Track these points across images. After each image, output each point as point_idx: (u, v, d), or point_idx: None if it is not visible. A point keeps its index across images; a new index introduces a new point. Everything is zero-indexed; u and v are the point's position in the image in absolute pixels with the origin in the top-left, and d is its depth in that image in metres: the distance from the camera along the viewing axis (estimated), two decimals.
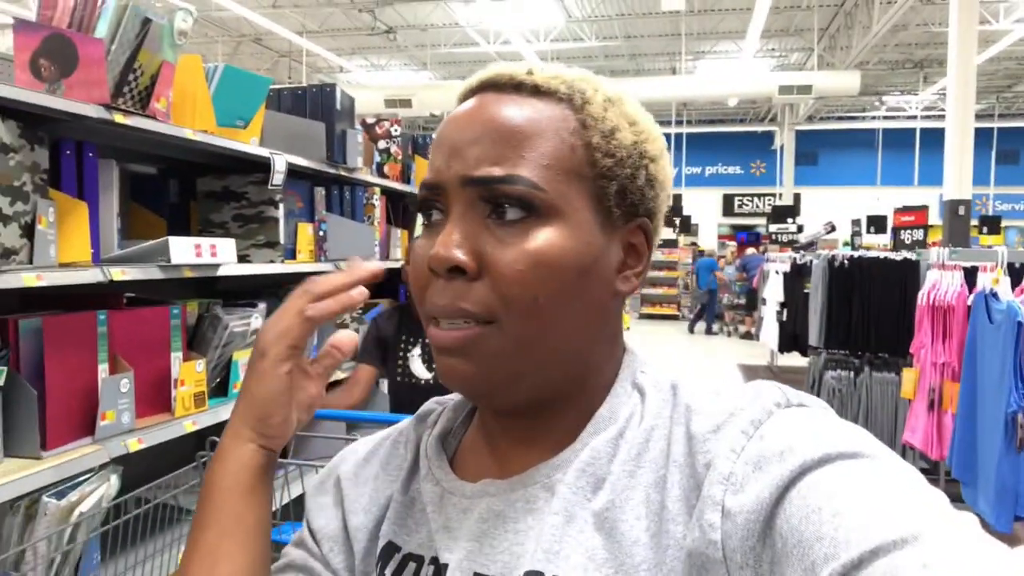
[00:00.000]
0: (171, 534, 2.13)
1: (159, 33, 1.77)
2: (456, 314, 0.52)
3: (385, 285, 3.68)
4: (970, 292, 2.77)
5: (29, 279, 1.55)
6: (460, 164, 0.53)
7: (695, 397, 0.54)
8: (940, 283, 2.96)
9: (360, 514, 0.65)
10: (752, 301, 11.42)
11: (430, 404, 0.70)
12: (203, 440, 2.77)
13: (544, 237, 0.52)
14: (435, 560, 0.57)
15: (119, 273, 1.75)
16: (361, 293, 0.62)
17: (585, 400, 0.58)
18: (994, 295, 2.45)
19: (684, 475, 0.50)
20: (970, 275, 2.86)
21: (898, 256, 4.18)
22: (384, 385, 3.52)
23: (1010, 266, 2.80)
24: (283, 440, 0.62)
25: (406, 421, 0.70)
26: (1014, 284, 2.57)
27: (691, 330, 14.49)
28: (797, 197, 17.05)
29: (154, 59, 1.79)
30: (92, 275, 1.71)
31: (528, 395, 0.55)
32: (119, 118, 1.72)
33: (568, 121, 0.54)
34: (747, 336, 12.80)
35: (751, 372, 9.23)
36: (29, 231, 1.59)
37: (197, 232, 2.47)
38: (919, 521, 0.39)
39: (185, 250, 1.95)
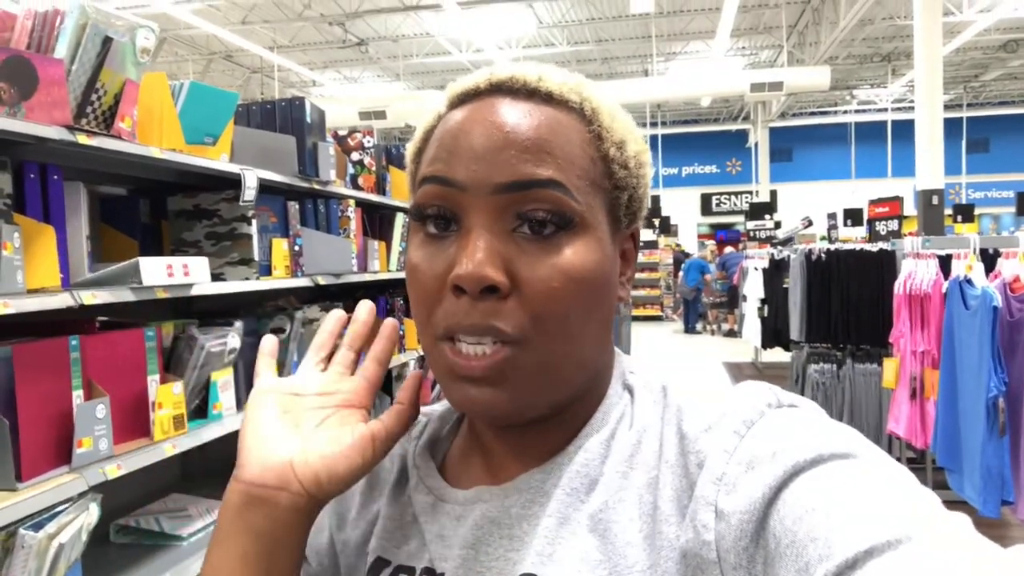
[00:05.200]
0: (157, 560, 2.10)
1: (121, 52, 1.74)
2: (486, 332, 0.50)
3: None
4: (945, 280, 2.79)
5: None
6: (487, 169, 0.50)
7: (686, 397, 0.54)
8: (916, 272, 2.99)
9: (348, 528, 0.63)
10: (733, 299, 11.48)
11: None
12: (185, 464, 2.75)
13: (575, 252, 0.51)
14: (428, 571, 0.56)
15: (90, 297, 1.72)
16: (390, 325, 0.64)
17: (583, 405, 0.57)
18: (968, 281, 2.47)
19: (676, 475, 0.50)
20: (945, 263, 2.88)
21: (874, 247, 4.22)
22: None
23: (983, 252, 2.82)
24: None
25: None
26: (988, 270, 2.59)
27: (691, 330, 14.51)
28: (773, 194, 17.19)
29: (117, 78, 1.77)
30: (62, 300, 1.68)
31: (547, 411, 0.54)
32: (83, 139, 1.69)
33: (583, 132, 0.53)
34: (731, 334, 12.87)
35: (736, 369, 9.27)
36: None
37: (170, 252, 2.43)
38: (913, 522, 0.39)
39: (157, 271, 1.92)
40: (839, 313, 4.32)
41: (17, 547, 1.54)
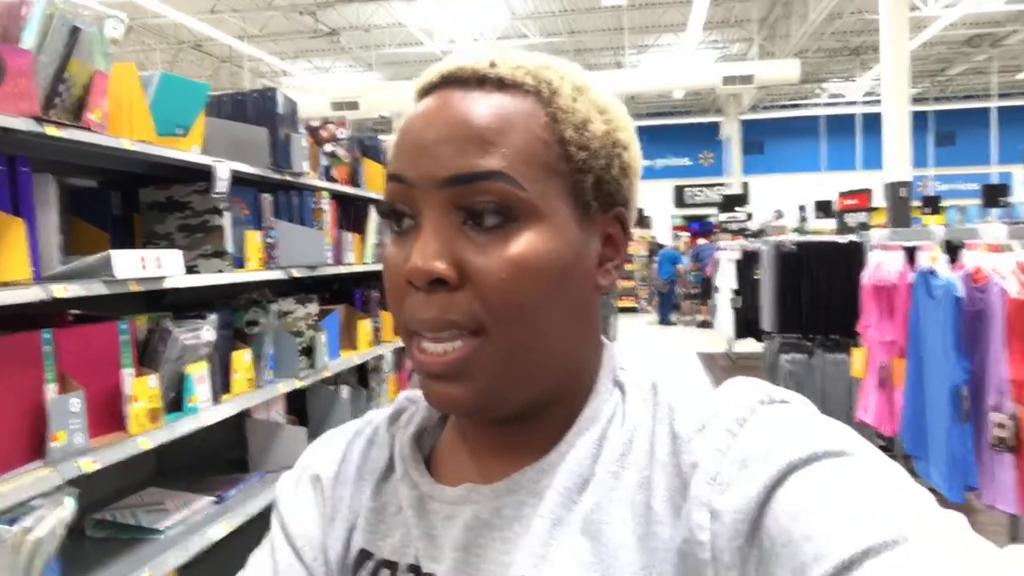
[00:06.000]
0: (135, 554, 2.09)
1: (89, 42, 1.72)
2: (443, 326, 0.50)
3: (339, 292, 3.65)
4: (911, 271, 2.85)
5: None
6: (432, 165, 0.50)
7: (677, 396, 0.54)
8: (882, 263, 3.05)
9: (339, 521, 0.61)
10: (707, 290, 11.58)
11: (403, 401, 0.67)
12: (160, 457, 2.73)
13: (526, 241, 0.49)
14: (413, 568, 0.56)
15: (61, 290, 1.70)
16: None
17: (570, 400, 0.56)
18: (933, 272, 2.52)
19: (669, 475, 0.49)
20: (911, 255, 2.94)
21: (844, 239, 4.30)
22: (344, 391, 3.49)
23: (948, 244, 2.89)
24: None
25: (379, 416, 0.67)
26: (952, 262, 2.65)
27: (666, 321, 14.61)
28: (746, 186, 17.38)
29: (85, 69, 1.74)
30: (33, 293, 1.66)
31: (521, 405, 0.53)
32: (51, 130, 1.66)
33: (538, 115, 0.51)
34: (704, 325, 12.98)
35: (709, 360, 9.36)
36: None
37: (142, 245, 2.41)
38: (909, 521, 0.39)
39: (129, 264, 1.90)
40: (809, 304, 4.39)
41: None
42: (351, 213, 3.60)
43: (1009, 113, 19.68)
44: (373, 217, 3.65)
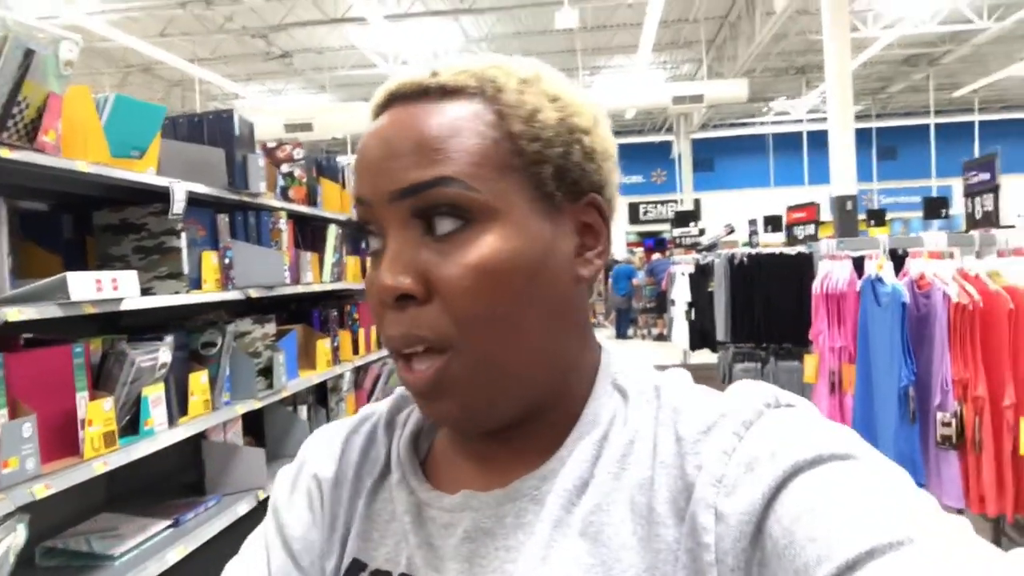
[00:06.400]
0: None
1: (43, 64, 1.71)
2: (411, 342, 0.49)
3: (297, 311, 3.63)
4: (859, 279, 2.96)
5: None
6: (383, 181, 0.50)
7: (682, 398, 0.53)
8: (832, 272, 3.16)
9: (339, 526, 0.60)
10: (662, 304, 11.73)
11: (400, 399, 0.65)
12: (112, 482, 2.67)
13: (487, 244, 0.49)
14: None
15: (15, 313, 1.67)
16: None
17: (566, 403, 0.55)
18: (880, 280, 2.62)
19: (672, 477, 0.49)
20: (858, 264, 3.05)
21: (793, 251, 4.42)
22: (302, 411, 3.47)
23: (893, 252, 3.01)
24: None
25: (376, 413, 0.65)
26: (897, 269, 2.75)
27: (623, 335, 14.72)
28: (697, 202, 17.72)
29: (39, 91, 1.73)
30: None
31: (514, 412, 0.52)
32: (5, 152, 1.65)
33: (484, 115, 0.51)
34: (660, 338, 13.13)
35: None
36: None
37: (96, 267, 2.38)
38: (913, 524, 0.39)
39: (85, 285, 1.88)
40: (761, 314, 4.50)
41: None
42: (308, 233, 3.59)
43: (947, 129, 20.42)
44: (331, 236, 3.65)
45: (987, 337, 2.30)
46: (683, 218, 14.21)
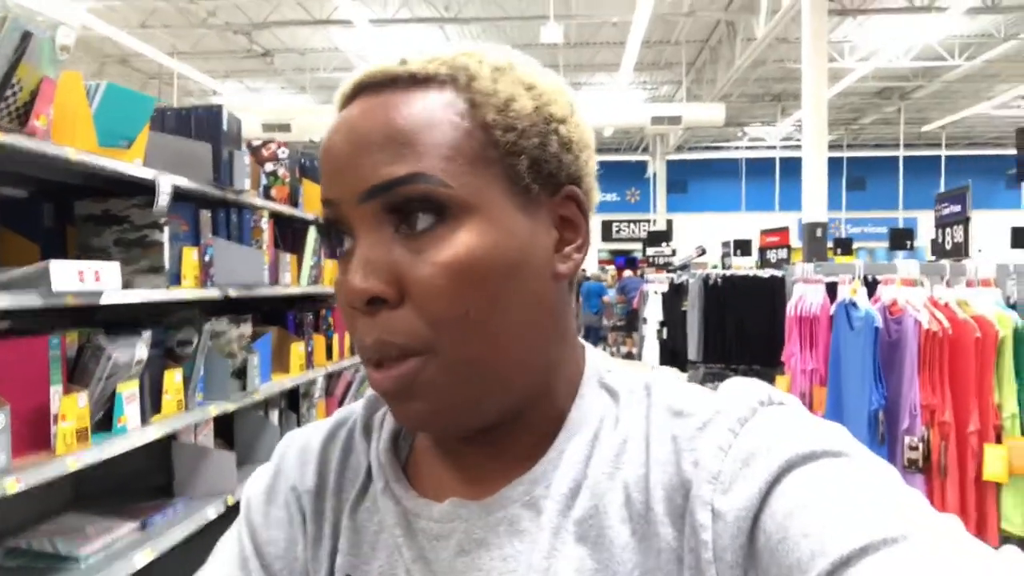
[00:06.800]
0: None
1: (40, 48, 1.69)
2: (386, 349, 0.47)
3: (271, 313, 3.60)
4: (832, 303, 3.03)
5: None
6: (350, 180, 0.47)
7: (674, 397, 0.52)
8: (805, 296, 3.22)
9: (324, 540, 0.57)
10: (632, 322, 11.81)
11: (374, 401, 0.62)
12: (80, 481, 2.62)
13: (461, 242, 0.46)
14: None
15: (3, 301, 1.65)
16: None
17: (550, 403, 0.53)
18: (853, 304, 2.69)
19: (668, 474, 0.48)
20: (831, 289, 3.13)
21: (765, 274, 4.50)
22: (273, 416, 3.44)
23: (865, 279, 3.08)
24: None
25: (351, 416, 0.62)
26: (870, 295, 2.82)
27: None
28: (670, 223, 17.84)
29: (34, 74, 1.71)
30: None
31: (493, 416, 0.51)
32: None
33: (456, 104, 0.48)
34: (628, 356, 13.21)
35: None
36: None
37: (75, 258, 2.34)
38: (906, 520, 0.39)
39: (67, 276, 1.85)
40: (733, 334, 4.57)
41: None
42: (288, 234, 3.57)
43: (915, 162, 20.92)
44: (311, 238, 3.63)
45: (955, 364, 2.37)
46: (655, 238, 14.34)
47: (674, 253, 13.87)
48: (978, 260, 2.95)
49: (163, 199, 2.28)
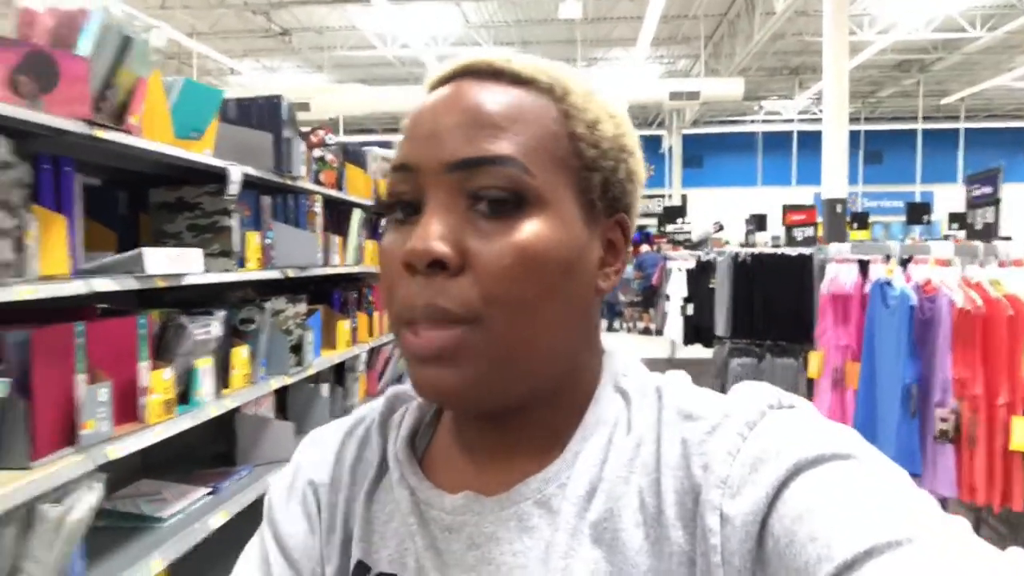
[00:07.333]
0: (141, 541, 2.16)
1: (137, 50, 1.82)
2: (435, 314, 0.48)
3: (318, 293, 3.74)
4: (863, 282, 3.14)
5: (23, 292, 1.58)
6: (440, 150, 0.49)
7: (684, 400, 0.53)
8: (839, 275, 3.33)
9: (337, 530, 0.59)
10: (649, 298, 11.91)
11: (393, 400, 0.64)
12: (151, 449, 2.77)
13: (531, 229, 0.48)
14: None
15: (103, 284, 1.79)
16: None
17: (568, 404, 0.55)
18: (888, 284, 2.80)
19: (678, 478, 0.49)
20: (862, 267, 3.24)
21: (793, 252, 4.60)
22: (324, 389, 3.59)
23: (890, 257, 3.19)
24: None
25: (369, 415, 0.64)
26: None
27: (609, 328, 14.88)
28: (684, 198, 17.92)
29: (130, 75, 1.84)
30: (75, 287, 1.75)
31: (514, 401, 0.52)
32: (99, 133, 1.76)
33: (551, 110, 0.51)
34: (645, 332, 13.33)
35: (653, 365, 9.59)
36: (19, 245, 1.62)
37: (150, 243, 2.48)
38: (913, 523, 0.39)
39: (159, 260, 2.00)
40: (761, 311, 4.68)
41: (38, 522, 1.61)
42: (335, 216, 3.70)
43: (933, 135, 20.78)
44: (356, 220, 3.77)
45: (987, 340, 2.48)
46: (671, 214, 14.42)
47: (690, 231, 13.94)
48: (1010, 243, 3.05)
49: (233, 187, 2.42)
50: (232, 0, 12.35)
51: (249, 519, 2.57)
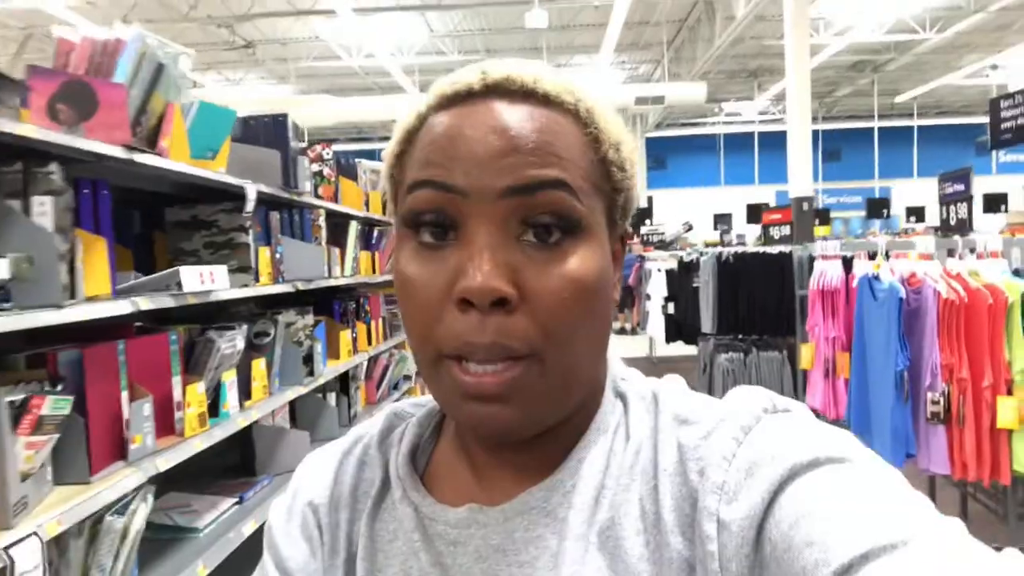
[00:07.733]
0: (183, 551, 2.21)
1: (167, 76, 1.89)
2: (500, 353, 0.46)
3: (319, 304, 3.80)
4: (847, 278, 3.31)
5: (75, 313, 1.64)
6: (492, 175, 0.47)
7: (680, 405, 0.53)
8: (826, 271, 3.50)
9: (340, 550, 0.58)
10: (624, 299, 12.09)
11: (391, 418, 0.64)
12: (190, 459, 2.81)
13: (581, 259, 0.48)
14: None
15: (145, 303, 1.85)
16: None
17: (579, 416, 0.55)
18: (876, 278, 2.97)
19: (675, 484, 0.49)
20: (848, 264, 3.42)
21: (774, 250, 4.79)
22: (331, 398, 3.65)
23: (872, 254, 3.36)
24: None
25: (367, 434, 0.64)
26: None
27: None
28: (650, 200, 18.18)
29: (161, 100, 1.91)
30: (119, 307, 1.81)
31: (555, 421, 0.52)
32: (138, 158, 1.82)
33: (581, 135, 0.50)
34: (622, 332, 13.51)
35: (633, 364, 9.78)
36: (71, 268, 1.68)
37: (168, 261, 2.54)
38: (908, 526, 0.39)
39: (192, 278, 2.06)
40: (745, 308, 4.85)
41: (103, 532, 1.66)
42: (331, 229, 3.76)
43: (889, 133, 21.40)
44: (352, 232, 3.84)
45: (970, 327, 2.65)
46: (639, 215, 14.64)
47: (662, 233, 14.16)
48: (985, 235, 3.23)
49: (250, 205, 2.48)
50: (195, 13, 12.27)
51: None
